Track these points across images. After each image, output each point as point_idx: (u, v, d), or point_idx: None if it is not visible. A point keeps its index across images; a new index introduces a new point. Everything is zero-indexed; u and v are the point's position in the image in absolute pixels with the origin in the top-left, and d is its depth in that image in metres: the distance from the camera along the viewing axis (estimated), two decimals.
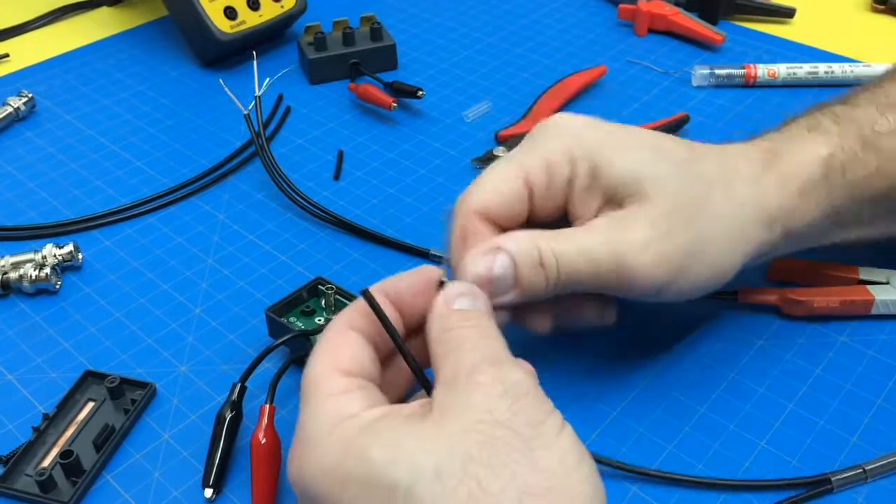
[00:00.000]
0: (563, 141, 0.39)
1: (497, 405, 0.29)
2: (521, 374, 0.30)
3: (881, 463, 0.38)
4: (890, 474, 0.38)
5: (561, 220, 0.40)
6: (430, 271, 0.35)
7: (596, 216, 0.39)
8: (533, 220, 0.40)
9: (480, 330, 0.32)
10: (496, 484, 0.27)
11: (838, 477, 0.38)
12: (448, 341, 0.32)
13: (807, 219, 0.41)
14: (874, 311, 0.46)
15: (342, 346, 0.33)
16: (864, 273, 0.47)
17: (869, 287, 0.46)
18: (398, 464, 0.28)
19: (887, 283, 0.47)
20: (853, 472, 0.38)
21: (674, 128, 0.60)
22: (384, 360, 0.35)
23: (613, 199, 0.39)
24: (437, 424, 0.29)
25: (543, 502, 0.27)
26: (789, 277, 0.48)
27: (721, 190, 0.39)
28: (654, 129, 0.59)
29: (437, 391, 0.30)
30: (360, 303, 0.34)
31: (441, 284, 0.34)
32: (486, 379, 0.30)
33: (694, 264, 0.38)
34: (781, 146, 0.42)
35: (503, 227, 0.39)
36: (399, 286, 0.35)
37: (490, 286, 0.36)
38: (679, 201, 0.38)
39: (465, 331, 0.32)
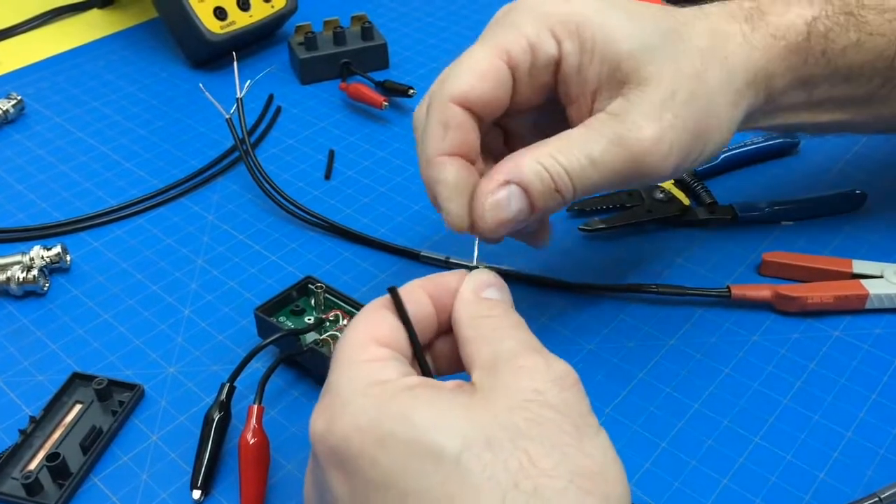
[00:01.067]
0: (545, 18, 0.37)
1: (547, 388, 0.28)
2: (567, 366, 0.30)
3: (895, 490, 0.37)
4: None
5: (546, 104, 0.39)
6: (457, 273, 0.34)
7: (593, 102, 0.37)
8: (514, 107, 0.38)
9: (510, 320, 0.32)
10: (547, 461, 0.26)
11: None
12: (479, 327, 0.31)
13: (785, 82, 0.40)
14: (868, 306, 0.46)
15: (381, 322, 0.32)
16: (858, 267, 0.47)
17: (863, 281, 0.46)
18: (445, 429, 0.27)
19: (881, 277, 0.46)
20: (870, 502, 0.37)
21: None
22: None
23: (612, 80, 0.36)
24: (483, 399, 0.28)
25: (592, 486, 0.26)
26: (782, 273, 0.48)
27: (715, 61, 0.38)
28: None
29: (477, 374, 0.30)
30: (399, 291, 0.33)
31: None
32: (533, 364, 0.29)
33: (699, 145, 0.37)
34: (766, 6, 0.41)
35: (483, 116, 0.37)
36: (440, 285, 0.34)
37: (510, 226, 0.36)
38: (679, 80, 0.36)
39: (495, 319, 0.32)
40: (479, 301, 0.32)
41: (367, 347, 0.30)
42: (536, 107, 0.39)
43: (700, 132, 0.37)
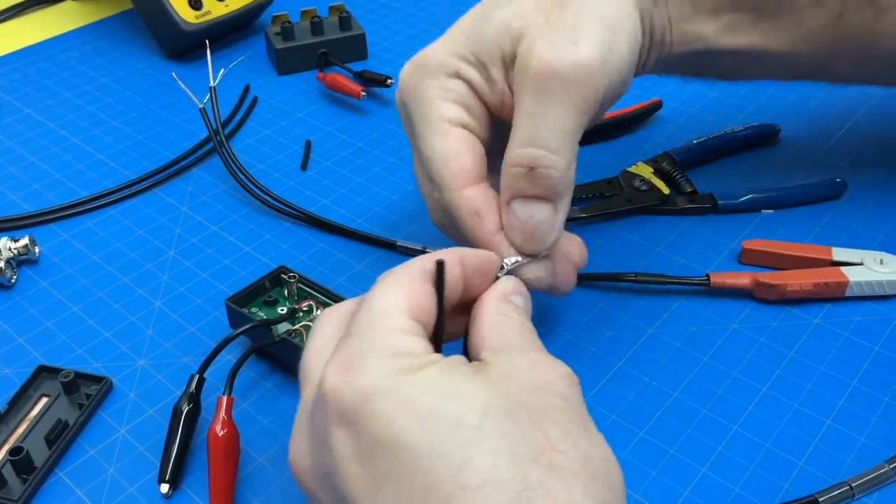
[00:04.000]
0: (437, 71, 0.38)
1: (556, 381, 0.29)
2: (570, 370, 0.31)
3: (867, 478, 0.37)
4: (877, 489, 0.37)
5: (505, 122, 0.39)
6: (493, 258, 0.35)
7: (513, 93, 0.37)
8: (489, 145, 0.39)
9: (528, 327, 0.33)
10: (562, 443, 0.27)
11: (825, 497, 0.36)
12: (500, 320, 0.33)
13: None
14: (848, 293, 0.45)
15: (419, 293, 0.31)
16: (838, 254, 0.47)
17: (843, 269, 0.46)
18: (467, 397, 0.27)
19: (861, 265, 0.46)
20: (840, 491, 0.36)
21: (646, 114, 0.59)
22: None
23: (505, 61, 0.37)
24: (499, 378, 0.29)
25: (600, 474, 0.27)
26: (762, 261, 0.48)
27: None
28: (627, 114, 0.59)
29: (487, 354, 0.31)
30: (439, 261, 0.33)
31: (497, 277, 0.35)
32: (543, 362, 0.30)
33: (600, 32, 0.36)
34: None
35: (484, 177, 0.38)
36: (471, 260, 0.34)
37: (550, 230, 0.37)
38: (543, 6, 0.37)
39: (513, 321, 0.33)
40: (506, 301, 0.34)
41: (398, 315, 0.30)
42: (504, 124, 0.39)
43: (593, 24, 0.36)
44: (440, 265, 0.32)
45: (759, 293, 0.45)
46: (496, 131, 0.40)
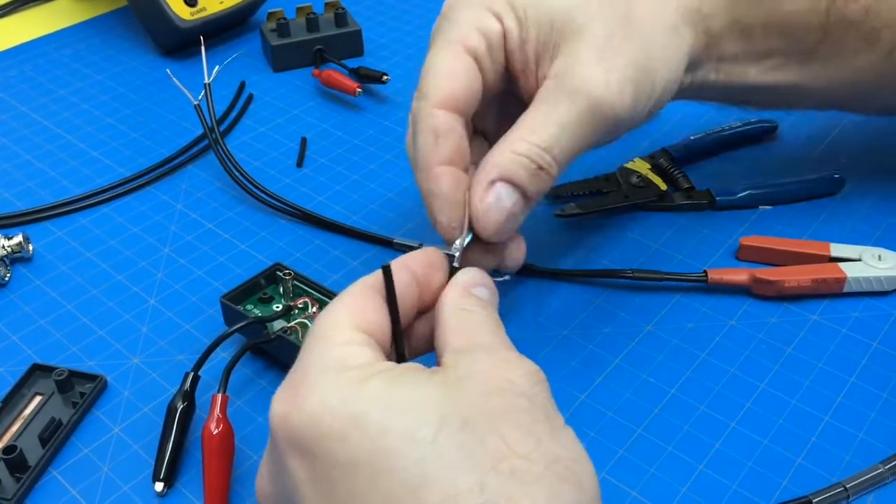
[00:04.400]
0: (482, 2, 0.38)
1: (519, 380, 0.28)
2: (536, 366, 0.30)
3: (862, 479, 0.36)
4: (872, 490, 0.37)
5: (507, 91, 0.40)
6: (433, 253, 0.34)
7: (538, 71, 0.38)
8: (483, 98, 0.39)
9: (492, 321, 0.32)
10: (524, 446, 0.26)
11: (819, 498, 0.36)
12: (461, 318, 0.31)
13: (722, 24, 0.41)
14: (846, 290, 0.45)
15: (363, 305, 0.31)
16: (836, 250, 0.46)
17: (841, 265, 0.45)
18: (420, 410, 0.26)
19: (859, 261, 0.46)
20: (834, 492, 0.36)
21: None
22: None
23: (549, 42, 0.37)
24: (457, 382, 0.28)
25: (567, 473, 0.26)
26: (760, 257, 0.47)
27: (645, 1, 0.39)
28: None
29: (448, 357, 0.30)
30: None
31: (454, 270, 0.34)
32: (506, 359, 0.29)
33: (648, 80, 0.38)
34: None
35: (466, 113, 0.38)
36: (416, 260, 0.34)
37: (511, 222, 0.36)
38: (611, 23, 0.37)
39: (477, 316, 0.32)
40: (467, 295, 0.33)
41: (344, 330, 0.30)
42: (499, 98, 0.39)
43: (644, 67, 0.37)
44: (386, 269, 0.31)
45: (756, 290, 0.45)
46: (494, 101, 0.39)
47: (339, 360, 0.28)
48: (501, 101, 0.41)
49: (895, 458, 0.37)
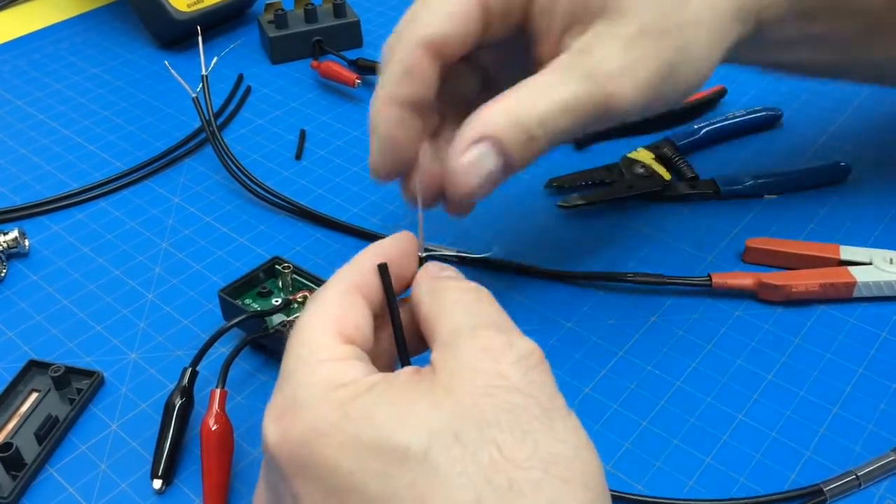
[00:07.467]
0: None
1: (511, 372, 0.26)
2: (532, 344, 0.28)
3: (873, 467, 0.36)
4: (883, 478, 0.36)
5: (514, 39, 0.37)
6: (408, 233, 0.33)
7: (563, 38, 0.35)
8: (481, 44, 0.36)
9: (476, 295, 0.30)
10: (520, 452, 0.25)
11: (830, 486, 0.35)
12: (440, 301, 0.30)
13: (781, 12, 0.38)
14: (856, 294, 0.43)
15: (348, 311, 0.29)
16: (846, 253, 0.45)
17: (850, 269, 0.44)
18: (410, 426, 0.25)
19: (870, 264, 0.44)
20: (845, 480, 0.35)
21: (710, 101, 0.57)
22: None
23: (585, 13, 0.34)
24: (445, 387, 0.26)
25: (569, 473, 0.25)
26: (766, 260, 0.46)
27: None
28: (690, 104, 0.56)
29: (436, 353, 0.28)
30: (364, 266, 0.31)
31: (422, 261, 0.33)
32: (496, 344, 0.27)
33: (669, 83, 0.35)
34: None
35: (449, 58, 0.35)
36: (391, 246, 0.32)
37: (486, 187, 0.34)
38: (654, 12, 0.34)
39: (457, 293, 0.30)
40: (439, 278, 0.31)
41: (328, 345, 0.28)
42: (504, 41, 0.37)
43: (670, 73, 0.35)
44: (382, 268, 0.30)
45: (762, 294, 0.44)
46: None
47: (326, 380, 0.27)
48: (508, 47, 0.38)
49: None
